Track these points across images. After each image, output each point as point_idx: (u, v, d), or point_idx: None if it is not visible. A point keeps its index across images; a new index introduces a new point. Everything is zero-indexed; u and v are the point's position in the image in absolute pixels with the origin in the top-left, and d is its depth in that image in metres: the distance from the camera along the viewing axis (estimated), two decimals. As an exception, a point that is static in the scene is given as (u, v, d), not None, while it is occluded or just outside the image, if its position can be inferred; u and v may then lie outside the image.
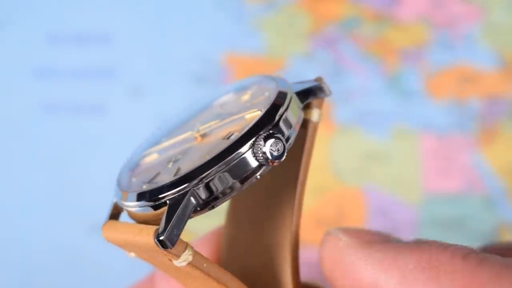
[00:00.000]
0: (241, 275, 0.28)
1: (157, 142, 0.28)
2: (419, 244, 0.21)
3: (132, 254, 0.26)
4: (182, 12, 0.59)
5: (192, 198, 0.22)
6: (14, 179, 0.55)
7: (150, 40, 0.59)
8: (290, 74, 0.57)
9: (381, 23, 0.58)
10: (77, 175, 0.55)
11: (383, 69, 0.58)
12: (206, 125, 0.26)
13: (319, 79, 0.27)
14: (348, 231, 0.23)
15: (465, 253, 0.21)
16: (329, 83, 0.27)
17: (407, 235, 0.45)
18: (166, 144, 0.27)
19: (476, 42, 0.58)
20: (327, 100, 0.27)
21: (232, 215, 0.30)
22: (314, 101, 0.26)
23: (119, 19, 0.59)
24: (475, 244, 0.30)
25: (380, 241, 0.22)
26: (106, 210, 0.27)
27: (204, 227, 0.33)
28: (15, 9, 0.58)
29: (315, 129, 0.26)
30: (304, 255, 0.34)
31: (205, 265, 0.24)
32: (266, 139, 0.23)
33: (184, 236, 0.23)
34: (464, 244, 0.23)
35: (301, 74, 0.57)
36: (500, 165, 0.55)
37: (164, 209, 0.23)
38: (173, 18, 0.59)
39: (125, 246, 0.25)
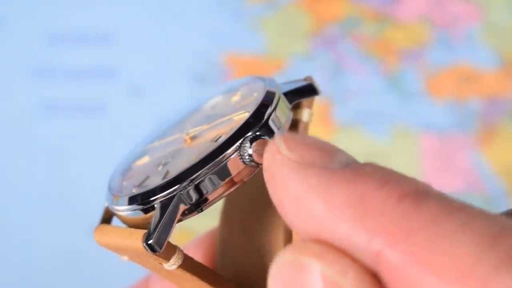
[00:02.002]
0: (235, 278, 0.28)
1: (148, 145, 0.28)
2: (358, 176, 0.18)
3: (125, 258, 0.26)
4: (182, 12, 0.59)
5: (180, 201, 0.22)
6: (13, 179, 0.55)
7: (150, 40, 0.59)
8: (290, 74, 0.57)
9: (381, 23, 0.58)
10: (77, 175, 0.55)
11: (383, 69, 0.57)
12: (196, 128, 0.26)
13: (308, 78, 0.26)
14: (290, 142, 0.19)
15: (402, 194, 0.17)
16: (329, 83, 0.26)
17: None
18: (156, 147, 0.27)
19: (476, 42, 0.58)
20: (327, 100, 0.26)
21: (225, 217, 0.29)
22: (304, 101, 0.26)
23: (119, 19, 0.59)
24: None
25: (320, 163, 0.19)
26: (99, 214, 0.27)
27: (203, 227, 0.33)
28: (15, 9, 0.59)
29: (305, 129, 0.26)
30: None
31: (195, 268, 0.24)
32: (252, 141, 0.22)
33: (184, 236, 0.22)
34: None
35: (301, 74, 0.57)
36: (500, 165, 0.55)
37: (153, 212, 0.22)
38: (173, 18, 0.59)
39: (117, 250, 0.25)
